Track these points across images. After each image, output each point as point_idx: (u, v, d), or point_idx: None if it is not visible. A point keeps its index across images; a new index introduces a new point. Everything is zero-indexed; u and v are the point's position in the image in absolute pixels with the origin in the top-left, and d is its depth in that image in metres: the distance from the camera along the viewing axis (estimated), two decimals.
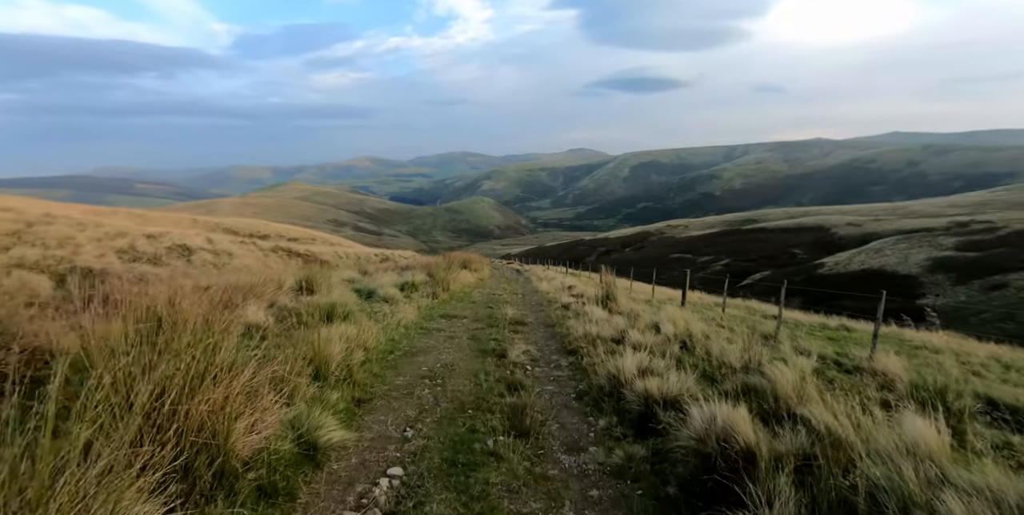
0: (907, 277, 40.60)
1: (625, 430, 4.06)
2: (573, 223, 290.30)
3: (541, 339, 7.96)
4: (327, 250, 28.59)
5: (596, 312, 8.79)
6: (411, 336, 7.63)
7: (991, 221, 56.14)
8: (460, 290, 14.77)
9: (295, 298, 8.34)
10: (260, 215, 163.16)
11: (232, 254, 18.32)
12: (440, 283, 13.33)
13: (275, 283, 8.57)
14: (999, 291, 34.93)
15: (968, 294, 35.89)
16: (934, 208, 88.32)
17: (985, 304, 33.73)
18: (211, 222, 37.95)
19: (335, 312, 6.90)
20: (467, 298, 13.45)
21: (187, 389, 2.88)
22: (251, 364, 3.57)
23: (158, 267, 14.58)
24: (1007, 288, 34.92)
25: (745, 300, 19.64)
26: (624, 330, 6.91)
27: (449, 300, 12.57)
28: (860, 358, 6.00)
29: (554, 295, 14.69)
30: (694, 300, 17.12)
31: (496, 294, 14.98)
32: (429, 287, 12.70)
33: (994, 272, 36.97)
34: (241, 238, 23.99)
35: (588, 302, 10.91)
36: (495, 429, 4.01)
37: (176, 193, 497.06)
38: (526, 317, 10.06)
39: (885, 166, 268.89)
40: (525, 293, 16.28)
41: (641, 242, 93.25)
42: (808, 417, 3.53)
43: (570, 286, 16.51)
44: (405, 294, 11.21)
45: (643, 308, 9.45)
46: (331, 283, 9.68)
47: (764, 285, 44.98)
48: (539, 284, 20.10)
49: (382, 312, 8.68)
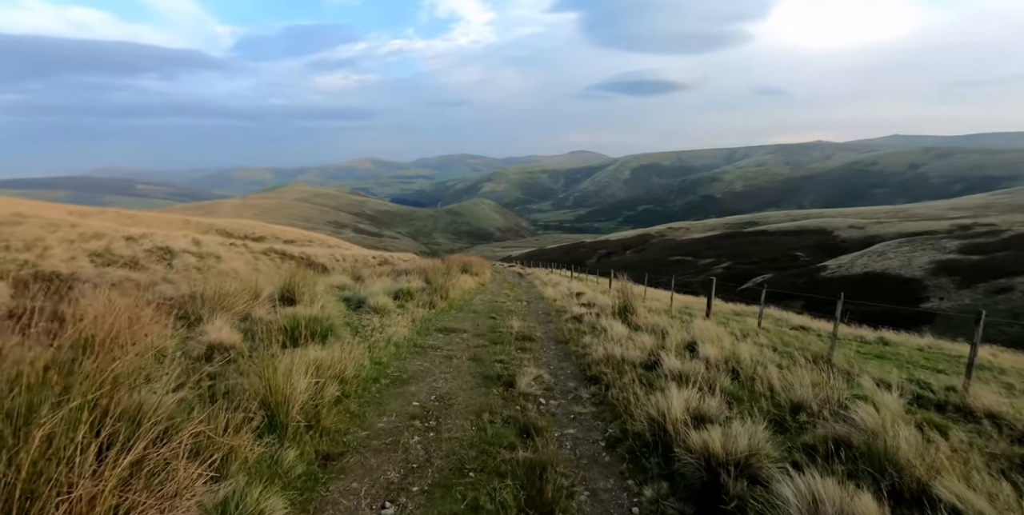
0: (911, 280, 39.73)
1: (683, 507, 2.99)
2: (574, 225, 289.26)
3: (554, 360, 6.93)
4: (324, 252, 27.50)
5: (616, 327, 7.67)
6: (402, 357, 6.59)
7: (994, 224, 55.27)
8: (460, 297, 13.74)
9: (274, 309, 7.29)
10: (260, 216, 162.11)
11: (219, 257, 17.17)
12: (438, 290, 12.30)
13: (251, 292, 7.51)
14: (1004, 294, 34.09)
15: (973, 297, 35.03)
16: (936, 211, 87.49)
17: (989, 308, 32.78)
18: (205, 223, 36.74)
19: (310, 329, 5.77)
20: (467, 307, 12.43)
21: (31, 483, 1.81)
22: (171, 410, 2.52)
23: (135, 271, 13.52)
24: (1012, 291, 34.09)
25: (749, 306, 18.57)
26: (654, 352, 5.89)
27: (448, 309, 11.56)
28: (945, 388, 4.94)
29: (562, 303, 13.59)
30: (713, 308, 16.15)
31: (499, 301, 13.99)
32: (426, 295, 11.71)
33: (999, 275, 36.15)
34: (232, 240, 22.82)
35: (603, 313, 9.82)
36: (505, 504, 2.95)
37: (177, 194, 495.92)
38: (534, 331, 9.02)
39: (886, 169, 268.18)
40: (530, 300, 15.29)
41: (642, 244, 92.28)
42: (951, 501, 2.48)
43: (578, 293, 15.43)
44: (399, 303, 10.21)
45: (667, 321, 8.25)
46: (316, 291, 8.54)
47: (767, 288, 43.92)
48: (544, 289, 18.98)
49: (371, 326, 7.67)
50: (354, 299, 9.74)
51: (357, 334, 6.99)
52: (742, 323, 11.08)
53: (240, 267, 16.90)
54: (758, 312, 10.77)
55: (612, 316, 9.19)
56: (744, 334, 8.23)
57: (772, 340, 7.93)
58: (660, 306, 15.46)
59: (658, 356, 5.61)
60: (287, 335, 5.64)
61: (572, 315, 10.51)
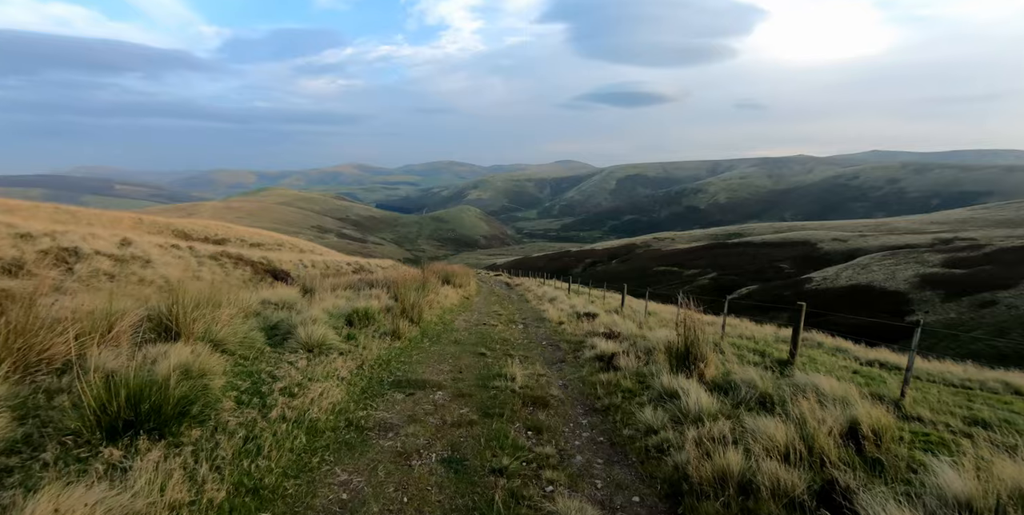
0: (895, 293, 40.02)
1: None
2: (559, 234, 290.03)
3: (597, 461, 4.29)
4: (291, 258, 25.72)
5: (690, 391, 5.08)
6: (311, 466, 3.78)
7: (974, 238, 56.25)
8: (438, 320, 11.67)
9: (137, 348, 4.73)
10: (242, 220, 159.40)
11: (150, 261, 15.01)
12: (408, 311, 10.00)
13: (105, 318, 4.75)
14: (989, 309, 34.39)
15: (958, 311, 35.33)
16: (916, 225, 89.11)
17: (975, 322, 33.12)
18: (160, 222, 34.03)
19: (149, 405, 3.45)
20: (447, 333, 10.25)
21: None
22: None
23: (15, 279, 10.47)
24: (997, 306, 34.41)
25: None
26: (808, 457, 3.61)
27: (420, 339, 9.11)
28: None
29: (571, 328, 11.41)
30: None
31: (488, 325, 11.80)
32: (391, 318, 9.27)
33: (983, 289, 36.55)
34: (187, 242, 20.51)
35: (647, 356, 7.24)
36: None
37: (157, 195, 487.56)
38: (547, 386, 6.51)
39: (866, 183, 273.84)
40: (526, 321, 13.09)
41: (628, 254, 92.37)
42: None
43: (588, 314, 13.11)
44: (349, 333, 7.85)
45: (756, 375, 5.65)
46: (220, 317, 5.87)
47: (751, 302, 44.03)
48: (541, 306, 17.13)
49: (284, 382, 5.10)
50: (283, 327, 7.27)
51: (249, 403, 4.47)
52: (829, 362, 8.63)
53: (174, 274, 14.87)
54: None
55: (666, 361, 6.56)
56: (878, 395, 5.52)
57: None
58: (666, 316, 14.05)
59: (831, 480, 3.29)
60: (92, 423, 3.29)
61: (596, 353, 7.95)
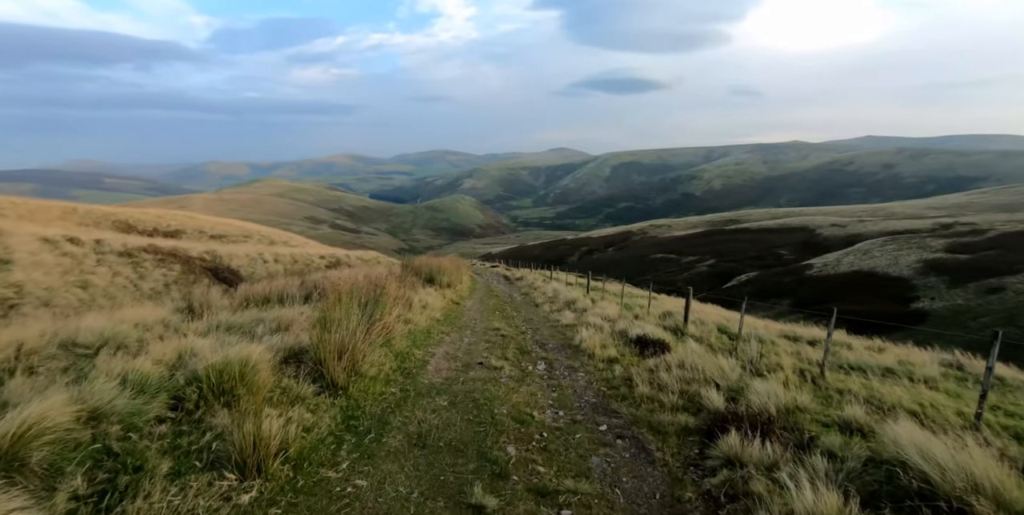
0: (899, 279, 39.25)
1: None
2: (554, 222, 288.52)
3: None
4: (249, 251, 22.12)
5: None
6: None
7: (975, 223, 55.52)
8: (395, 365, 6.71)
9: None
10: (235, 212, 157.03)
11: (10, 261, 11.37)
12: (330, 361, 5.26)
13: None
14: (997, 295, 33.68)
15: (965, 297, 34.59)
16: (915, 210, 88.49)
17: (983, 308, 32.39)
18: (97, 213, 30.52)
19: None
20: (399, 411, 5.14)
21: None
22: None
23: None
24: (1005, 292, 33.70)
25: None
26: None
27: (329, 446, 4.12)
28: None
29: (637, 376, 6.58)
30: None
31: (486, 368, 7.20)
32: (292, 376, 5.14)
33: (989, 275, 35.82)
34: (82, 235, 16.31)
35: None
36: None
37: (148, 188, 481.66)
38: None
39: (861, 169, 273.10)
40: (547, 351, 8.73)
41: (624, 242, 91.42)
42: None
43: (648, 342, 8.35)
44: (160, 447, 3.45)
45: None
46: None
47: (752, 287, 43.17)
48: (558, 315, 12.97)
49: None
50: None
51: None
52: None
53: (44, 280, 11.20)
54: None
55: None
56: None
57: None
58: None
59: None
60: None
61: None
